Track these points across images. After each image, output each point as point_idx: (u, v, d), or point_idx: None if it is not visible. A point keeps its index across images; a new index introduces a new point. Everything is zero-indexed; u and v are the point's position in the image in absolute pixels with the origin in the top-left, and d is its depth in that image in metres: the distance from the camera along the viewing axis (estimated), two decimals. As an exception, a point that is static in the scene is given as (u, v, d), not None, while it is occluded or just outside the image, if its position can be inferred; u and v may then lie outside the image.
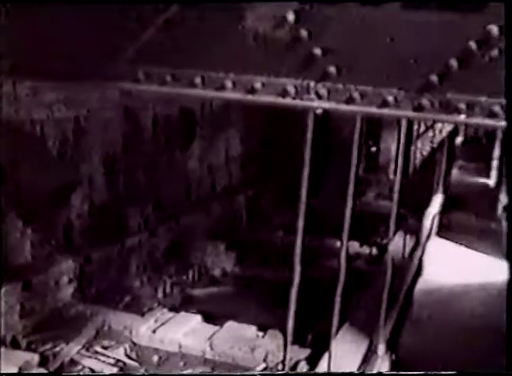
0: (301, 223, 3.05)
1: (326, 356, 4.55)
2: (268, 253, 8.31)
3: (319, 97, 2.37)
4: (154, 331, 5.65)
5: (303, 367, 5.12)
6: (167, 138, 7.67)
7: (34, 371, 4.89)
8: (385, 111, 2.34)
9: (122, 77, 2.55)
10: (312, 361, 5.09)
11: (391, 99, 2.31)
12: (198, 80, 2.46)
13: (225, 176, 9.49)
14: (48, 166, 5.86)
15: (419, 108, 2.30)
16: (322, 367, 4.72)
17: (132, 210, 7.18)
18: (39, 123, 5.71)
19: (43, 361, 5.06)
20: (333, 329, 3.93)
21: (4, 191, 5.30)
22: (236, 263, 8.04)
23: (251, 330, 5.75)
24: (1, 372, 4.60)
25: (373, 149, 11.87)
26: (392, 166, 11.44)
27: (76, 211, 6.33)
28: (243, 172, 9.95)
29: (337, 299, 3.74)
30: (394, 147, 11.48)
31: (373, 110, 2.35)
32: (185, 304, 6.69)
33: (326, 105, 2.37)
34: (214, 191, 9.16)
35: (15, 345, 5.29)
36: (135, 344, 5.59)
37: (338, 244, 7.35)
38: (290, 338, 3.35)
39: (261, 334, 5.71)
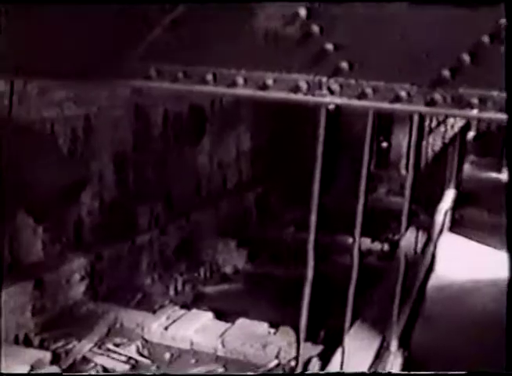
0: (313, 219, 3.03)
1: (338, 352, 4.54)
2: (278, 250, 8.29)
3: (332, 92, 2.35)
4: (166, 328, 5.66)
5: (315, 364, 5.11)
6: (177, 135, 7.66)
7: (46, 369, 4.90)
8: (397, 106, 2.32)
9: (133, 74, 2.54)
10: (325, 357, 5.08)
11: (403, 94, 2.29)
12: (210, 77, 2.44)
13: (235, 173, 9.48)
14: (58, 164, 5.86)
15: (431, 103, 2.28)
16: (334, 364, 4.70)
17: (142, 207, 7.18)
18: (49, 121, 5.73)
19: (55, 359, 5.07)
20: (346, 325, 3.92)
21: (15, 189, 5.31)
22: (248, 260, 8.03)
23: (263, 327, 5.75)
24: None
25: (384, 144, 11.80)
26: (403, 162, 11.36)
27: (86, 209, 6.35)
28: (253, 169, 9.93)
29: (350, 295, 3.73)
30: (405, 143, 11.38)
31: (386, 105, 2.33)
32: (196, 301, 6.69)
33: (339, 100, 2.36)
34: (225, 188, 9.15)
35: (27, 342, 5.31)
36: (146, 341, 5.60)
37: (350, 240, 7.33)
38: (302, 335, 3.34)
39: (272, 330, 5.71)
